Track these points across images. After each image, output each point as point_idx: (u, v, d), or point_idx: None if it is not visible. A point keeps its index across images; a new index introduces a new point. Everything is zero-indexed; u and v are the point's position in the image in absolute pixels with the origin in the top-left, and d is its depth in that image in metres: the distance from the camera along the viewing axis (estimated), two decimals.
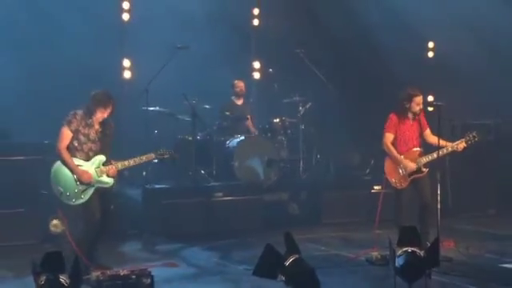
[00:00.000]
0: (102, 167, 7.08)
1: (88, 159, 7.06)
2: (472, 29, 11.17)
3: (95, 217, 7.03)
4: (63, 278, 5.55)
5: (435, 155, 7.73)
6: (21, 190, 8.57)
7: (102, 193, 7.11)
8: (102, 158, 7.11)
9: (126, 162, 7.22)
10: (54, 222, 8.59)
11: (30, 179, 8.62)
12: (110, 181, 7.15)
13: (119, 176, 9.37)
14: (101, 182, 7.08)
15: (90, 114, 7.07)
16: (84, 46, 10.17)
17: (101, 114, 7.08)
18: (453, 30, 11.46)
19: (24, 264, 6.30)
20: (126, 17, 10.95)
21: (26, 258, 6.27)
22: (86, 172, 7.00)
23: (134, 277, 6.51)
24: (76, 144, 7.02)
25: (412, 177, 7.84)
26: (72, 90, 8.63)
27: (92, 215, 7.02)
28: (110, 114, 7.15)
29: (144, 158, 7.33)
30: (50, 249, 6.22)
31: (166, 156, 7.55)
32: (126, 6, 10.92)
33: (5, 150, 8.90)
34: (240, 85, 10.85)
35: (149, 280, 6.54)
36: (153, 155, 7.42)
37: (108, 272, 6.62)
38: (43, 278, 5.53)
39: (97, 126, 7.10)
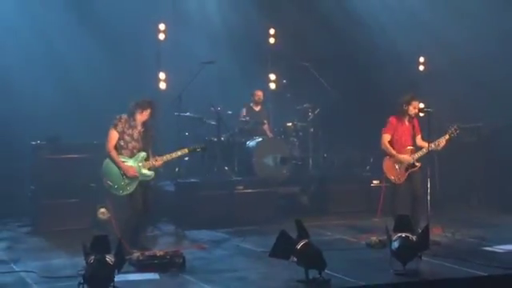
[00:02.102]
0: (144, 162, 7.15)
1: (132, 156, 7.13)
2: (457, 46, 11.10)
3: (139, 206, 7.11)
4: (109, 258, 5.59)
5: (425, 150, 7.73)
6: (74, 184, 8.65)
7: (143, 186, 7.17)
8: (143, 154, 7.16)
9: (168, 156, 7.30)
10: (102, 210, 8.66)
11: (81, 174, 8.69)
12: (151, 174, 7.22)
13: (156, 172, 9.50)
14: (144, 175, 7.15)
15: (132, 116, 7.13)
16: (127, 61, 10.24)
17: (140, 116, 7.12)
18: (441, 47, 11.40)
19: (76, 245, 6.35)
20: (161, 36, 10.99)
21: (78, 240, 6.31)
22: (131, 167, 7.06)
23: (168, 257, 6.56)
24: (122, 143, 7.09)
25: (408, 171, 7.81)
26: (116, 98, 8.68)
27: (136, 204, 7.10)
28: (150, 117, 7.18)
29: (179, 153, 7.43)
30: (98, 233, 6.24)
31: (198, 149, 7.65)
32: (162, 27, 10.97)
33: (60, 149, 8.97)
34: (259, 94, 10.86)
35: (181, 260, 6.58)
36: (186, 150, 7.50)
37: (146, 253, 6.67)
38: (92, 258, 5.58)
39: (139, 128, 7.16)
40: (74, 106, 9.81)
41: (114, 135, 7.05)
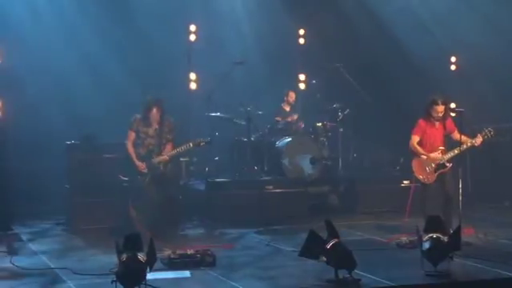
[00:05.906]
0: (156, 157, 7.57)
1: (147, 152, 7.58)
2: (488, 45, 10.92)
3: (154, 198, 7.51)
4: (141, 256, 5.63)
5: (456, 151, 7.60)
6: (107, 183, 8.69)
7: (158, 178, 7.57)
8: (156, 150, 7.59)
9: (174, 151, 7.67)
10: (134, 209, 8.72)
11: (115, 173, 8.72)
12: (160, 166, 7.61)
13: (187, 171, 9.61)
14: (154, 167, 7.55)
15: (146, 115, 7.55)
16: (159, 62, 10.32)
17: (151, 115, 7.54)
18: (472, 47, 11.23)
19: (109, 243, 6.38)
20: (192, 37, 11.05)
21: (111, 238, 6.37)
22: (141, 163, 7.54)
23: (198, 255, 6.59)
24: (139, 141, 7.60)
25: (438, 172, 7.70)
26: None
27: (151, 197, 7.52)
28: (159, 114, 7.54)
29: (183, 148, 7.72)
30: (130, 231, 6.28)
31: (201, 144, 7.81)
32: (192, 28, 11.02)
33: (94, 149, 8.98)
34: (292, 95, 10.84)
35: (211, 258, 6.60)
36: (191, 144, 7.73)
37: (177, 251, 6.70)
38: (124, 256, 5.62)
39: (155, 125, 7.58)
40: (108, 106, 9.90)
41: (130, 134, 7.62)
